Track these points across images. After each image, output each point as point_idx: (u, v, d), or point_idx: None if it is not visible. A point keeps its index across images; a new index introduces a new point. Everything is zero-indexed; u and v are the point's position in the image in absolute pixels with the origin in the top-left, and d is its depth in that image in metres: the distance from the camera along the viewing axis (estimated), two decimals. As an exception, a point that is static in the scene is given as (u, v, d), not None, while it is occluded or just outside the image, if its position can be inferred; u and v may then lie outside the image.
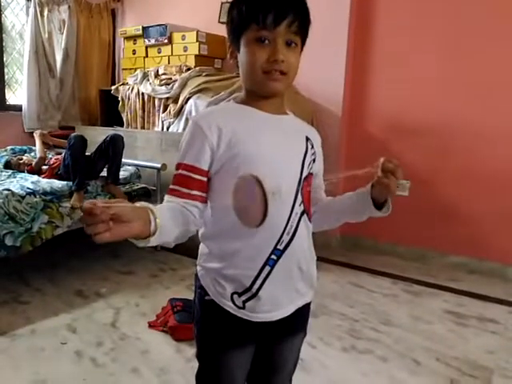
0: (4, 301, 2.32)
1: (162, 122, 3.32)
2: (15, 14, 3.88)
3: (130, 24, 4.30)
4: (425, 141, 3.10)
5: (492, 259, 2.94)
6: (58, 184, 2.67)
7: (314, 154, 0.95)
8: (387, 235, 3.17)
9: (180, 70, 3.41)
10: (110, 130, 3.33)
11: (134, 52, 3.96)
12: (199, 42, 3.54)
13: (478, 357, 1.95)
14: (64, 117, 4.08)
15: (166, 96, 3.28)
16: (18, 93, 3.94)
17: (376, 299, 2.53)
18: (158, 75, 3.47)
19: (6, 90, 3.83)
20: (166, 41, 3.68)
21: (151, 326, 2.10)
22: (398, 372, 1.81)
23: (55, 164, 2.95)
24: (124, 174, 3.10)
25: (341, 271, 2.95)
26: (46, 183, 2.66)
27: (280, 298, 0.92)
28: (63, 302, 2.34)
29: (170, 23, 3.68)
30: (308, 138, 0.95)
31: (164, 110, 3.32)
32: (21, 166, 3.08)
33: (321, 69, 3.16)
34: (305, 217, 0.91)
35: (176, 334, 1.98)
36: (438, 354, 1.96)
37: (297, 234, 0.89)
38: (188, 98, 3.14)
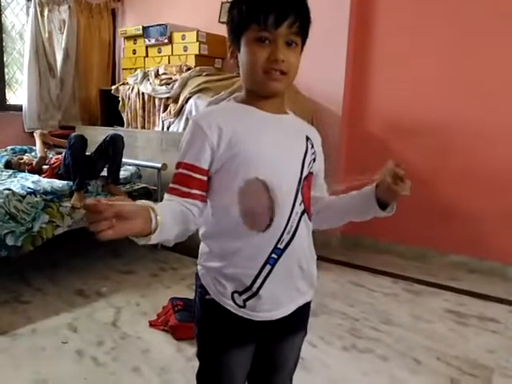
0: (5, 300, 2.32)
1: (163, 121, 3.33)
2: (15, 13, 3.89)
3: (130, 24, 4.31)
4: (425, 140, 3.10)
5: (492, 258, 2.94)
6: (59, 184, 2.68)
7: (314, 154, 0.95)
8: (387, 234, 3.18)
9: (180, 70, 3.41)
10: (110, 130, 3.33)
11: (134, 52, 3.96)
12: (199, 42, 3.55)
13: (478, 356, 1.96)
14: (64, 116, 4.09)
15: (166, 96, 3.29)
16: (18, 93, 3.95)
17: (376, 298, 2.54)
18: (158, 75, 3.48)
19: (6, 89, 3.84)
20: (166, 40, 3.68)
21: (152, 325, 2.10)
22: (398, 371, 1.82)
23: (56, 164, 2.96)
24: (124, 173, 3.10)
25: (341, 270, 2.96)
26: (46, 183, 2.67)
27: (280, 296, 0.92)
28: (64, 301, 2.34)
29: (170, 23, 3.69)
30: (308, 138, 0.96)
31: (164, 110, 3.32)
32: (21, 165, 3.09)
33: (321, 68, 3.16)
34: (305, 216, 0.91)
35: (177, 333, 1.99)
36: (439, 353, 1.96)
37: (297, 233, 0.89)
38: (188, 98, 3.15)
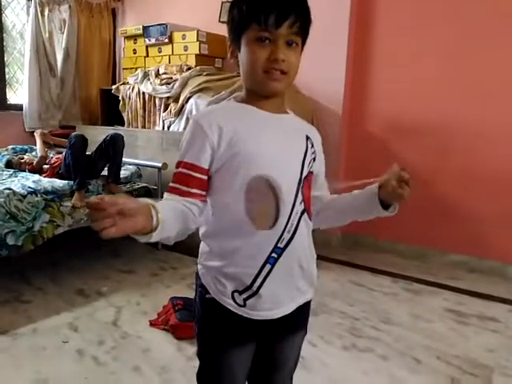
0: (5, 300, 2.32)
1: (163, 121, 3.33)
2: (16, 13, 3.89)
3: (130, 23, 4.31)
4: (425, 140, 3.11)
5: (492, 258, 2.94)
6: (59, 183, 2.68)
7: (314, 153, 0.96)
8: (387, 234, 3.18)
9: (180, 70, 3.42)
10: (110, 130, 3.34)
11: (134, 51, 3.96)
12: (200, 42, 3.55)
13: (478, 355, 1.96)
14: (65, 116, 4.09)
15: (166, 95, 3.29)
16: (18, 92, 3.95)
17: (376, 298, 2.54)
18: (158, 74, 3.48)
19: (6, 89, 3.84)
20: (166, 40, 3.68)
21: (152, 324, 2.10)
22: (398, 370, 1.82)
23: (56, 163, 2.96)
24: (125, 173, 3.10)
25: (341, 270, 2.96)
26: (47, 182, 2.67)
27: (281, 295, 0.92)
28: (64, 300, 2.35)
29: (171, 22, 3.68)
30: (308, 137, 0.96)
31: (165, 110, 3.32)
32: (22, 165, 3.09)
33: (321, 68, 3.16)
34: (305, 215, 0.91)
35: (177, 333, 1.99)
36: (439, 353, 1.96)
37: (297, 232, 0.89)
38: (189, 98, 3.15)
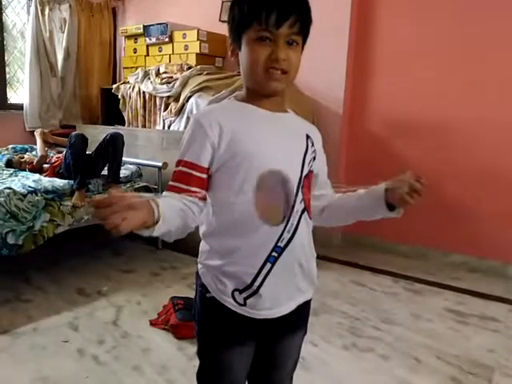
0: (6, 299, 2.32)
1: (163, 120, 3.33)
2: (16, 12, 3.89)
3: (130, 23, 4.30)
4: (425, 140, 3.10)
5: (493, 258, 2.94)
6: (60, 182, 2.68)
7: (314, 152, 0.95)
8: (388, 234, 3.17)
9: (181, 69, 3.41)
10: (111, 129, 3.33)
11: (134, 51, 3.96)
12: (200, 41, 3.54)
13: (478, 355, 1.96)
14: (65, 115, 4.09)
15: (167, 95, 3.29)
16: (19, 92, 3.95)
17: (377, 297, 2.54)
18: (158, 74, 3.48)
19: (7, 88, 3.84)
20: (166, 39, 3.67)
21: (153, 324, 2.10)
22: (398, 370, 1.82)
23: (56, 162, 2.96)
24: (125, 172, 3.10)
25: (342, 269, 2.96)
26: (47, 182, 2.67)
27: (281, 294, 0.92)
28: (65, 300, 2.34)
29: (171, 22, 3.68)
30: (308, 136, 0.96)
31: (165, 109, 3.32)
32: (22, 164, 3.09)
33: (322, 67, 3.16)
34: (305, 214, 0.91)
35: (177, 332, 1.99)
36: (439, 353, 1.96)
37: (297, 231, 0.89)
38: (189, 97, 3.15)
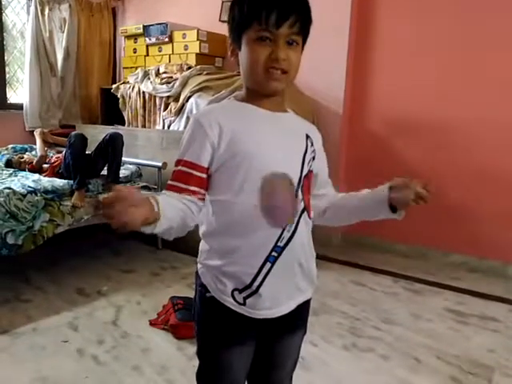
0: (5, 299, 2.32)
1: (163, 120, 3.32)
2: (16, 12, 3.89)
3: (130, 23, 4.30)
4: (426, 139, 3.10)
5: (493, 257, 2.94)
6: (59, 182, 2.67)
7: (313, 152, 0.95)
8: (388, 233, 3.17)
9: (181, 69, 3.41)
10: (110, 129, 3.33)
11: (134, 51, 3.95)
12: (200, 41, 3.54)
13: (478, 355, 1.95)
14: (65, 115, 4.08)
15: (166, 94, 3.29)
16: (18, 91, 3.95)
17: (377, 297, 2.53)
18: (158, 74, 3.48)
19: (7, 88, 3.84)
20: (166, 39, 3.67)
21: (152, 324, 2.10)
22: (398, 370, 1.82)
23: (56, 162, 2.96)
24: (125, 172, 3.10)
25: (342, 269, 2.95)
26: (47, 182, 2.66)
27: (280, 294, 0.92)
28: (64, 300, 2.34)
29: (171, 22, 3.68)
30: (308, 136, 0.96)
31: (165, 109, 3.32)
32: (22, 164, 3.09)
33: (322, 67, 3.15)
34: (305, 214, 0.91)
35: (177, 332, 1.99)
36: (439, 353, 1.96)
37: (297, 231, 0.89)
38: (189, 97, 3.15)
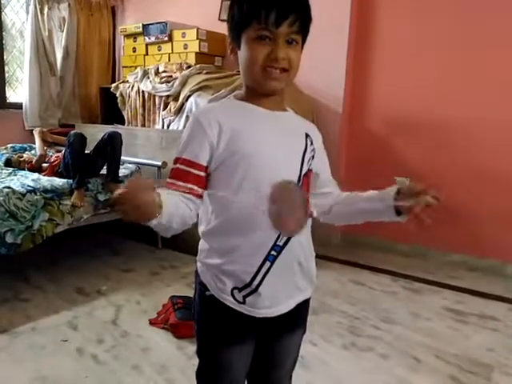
0: (5, 298, 2.32)
1: (163, 119, 3.32)
2: (15, 11, 3.88)
3: (130, 22, 4.29)
4: (426, 138, 3.10)
5: (491, 256, 2.94)
6: (59, 182, 2.67)
7: (313, 151, 0.95)
8: (388, 233, 3.17)
9: (180, 68, 3.41)
10: (110, 128, 3.33)
11: (134, 50, 3.95)
12: (199, 40, 3.54)
13: (478, 354, 1.96)
14: (64, 114, 4.08)
15: (166, 94, 3.28)
16: (18, 91, 3.94)
17: (376, 296, 2.54)
18: (158, 73, 3.47)
19: (6, 87, 3.83)
20: (166, 38, 3.67)
21: (152, 323, 2.10)
22: (398, 369, 1.82)
23: (56, 162, 2.95)
24: (124, 171, 3.09)
25: (341, 269, 2.96)
26: (46, 181, 2.66)
27: (280, 293, 0.92)
28: (64, 299, 2.34)
29: (170, 21, 3.68)
30: (307, 135, 0.96)
31: (164, 108, 3.32)
32: (21, 163, 3.08)
33: (322, 66, 3.15)
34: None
35: (177, 332, 1.99)
36: (438, 352, 1.96)
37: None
38: (188, 96, 3.14)
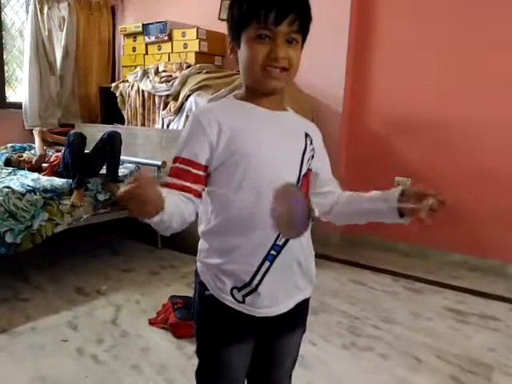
0: (4, 298, 2.32)
1: (162, 119, 3.32)
2: (15, 11, 3.88)
3: (129, 21, 4.29)
4: (425, 137, 3.10)
5: (492, 256, 2.94)
6: (58, 181, 2.67)
7: (312, 151, 0.95)
8: (388, 232, 3.16)
9: (180, 67, 3.40)
10: (110, 128, 3.32)
11: (134, 49, 3.95)
12: (199, 39, 3.54)
13: (478, 354, 1.95)
14: (64, 114, 4.07)
15: (166, 93, 3.28)
16: (17, 90, 3.93)
17: (377, 296, 2.53)
18: (158, 72, 3.47)
19: (5, 87, 3.83)
20: (166, 38, 3.67)
21: (152, 323, 2.10)
22: (398, 369, 1.81)
23: (55, 162, 2.95)
24: (124, 171, 3.09)
25: (341, 268, 2.95)
26: (46, 181, 2.66)
27: (279, 293, 0.92)
28: (63, 299, 2.34)
29: (170, 20, 3.68)
30: (307, 134, 0.95)
31: (164, 108, 3.31)
32: (21, 163, 3.08)
33: (322, 65, 3.15)
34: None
35: (177, 331, 1.99)
36: (439, 352, 1.95)
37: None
38: (188, 96, 3.14)
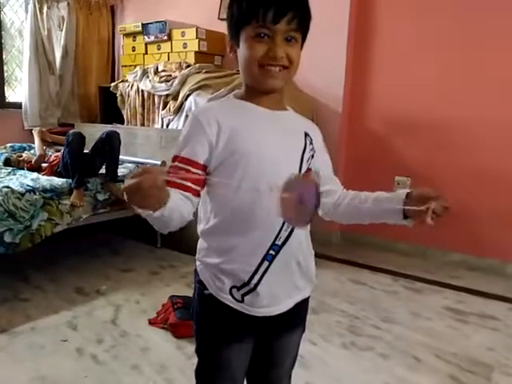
0: (4, 298, 2.32)
1: (162, 119, 3.32)
2: (14, 11, 3.87)
3: (129, 21, 4.29)
4: (425, 137, 3.10)
5: (491, 256, 2.94)
6: (58, 181, 2.67)
7: (312, 150, 0.95)
8: (388, 232, 3.16)
9: (180, 67, 3.40)
10: (109, 127, 3.32)
11: (133, 49, 3.95)
12: (199, 39, 3.54)
13: (478, 353, 1.95)
14: (63, 114, 4.07)
15: (165, 93, 3.28)
16: (17, 90, 3.93)
17: (376, 296, 2.53)
18: (157, 72, 3.47)
19: (5, 87, 3.82)
20: (165, 37, 3.67)
21: (151, 323, 2.10)
22: (398, 369, 1.81)
23: (55, 161, 2.95)
24: (124, 171, 3.09)
25: (341, 268, 2.95)
26: (45, 180, 2.66)
27: (279, 292, 0.92)
28: (63, 299, 2.34)
29: (170, 20, 3.67)
30: (307, 134, 0.95)
31: (164, 107, 3.31)
32: (20, 163, 3.08)
33: (321, 65, 3.15)
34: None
35: (176, 331, 1.99)
36: (438, 351, 1.96)
37: (295, 229, 0.89)
38: (188, 95, 3.14)
